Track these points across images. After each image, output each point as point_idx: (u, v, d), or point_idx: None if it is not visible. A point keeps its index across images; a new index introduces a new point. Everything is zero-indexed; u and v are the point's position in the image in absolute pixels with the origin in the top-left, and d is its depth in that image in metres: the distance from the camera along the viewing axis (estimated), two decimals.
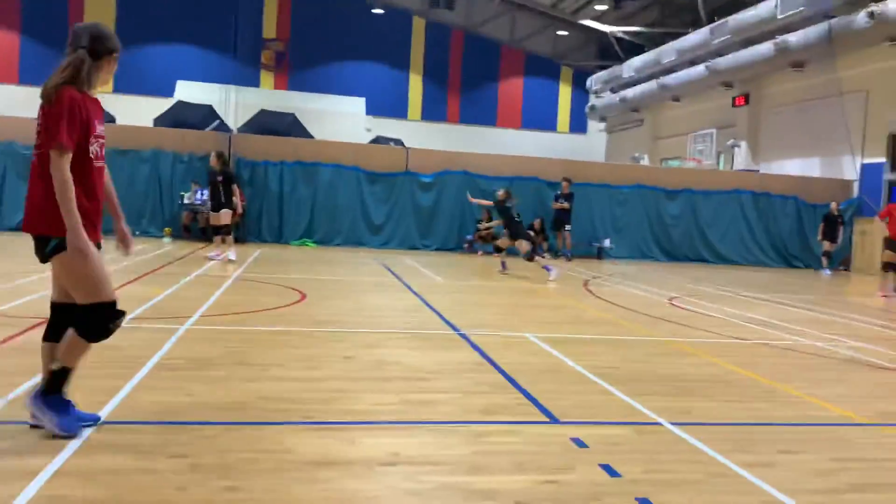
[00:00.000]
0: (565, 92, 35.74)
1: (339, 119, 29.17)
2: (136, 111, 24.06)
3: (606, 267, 16.94)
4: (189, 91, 27.52)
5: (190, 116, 20.49)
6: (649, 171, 23.03)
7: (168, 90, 28.34)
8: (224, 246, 12.90)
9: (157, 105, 24.07)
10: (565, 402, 4.48)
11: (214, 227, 13.23)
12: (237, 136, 18.88)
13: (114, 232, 3.75)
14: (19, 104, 24.39)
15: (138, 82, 28.63)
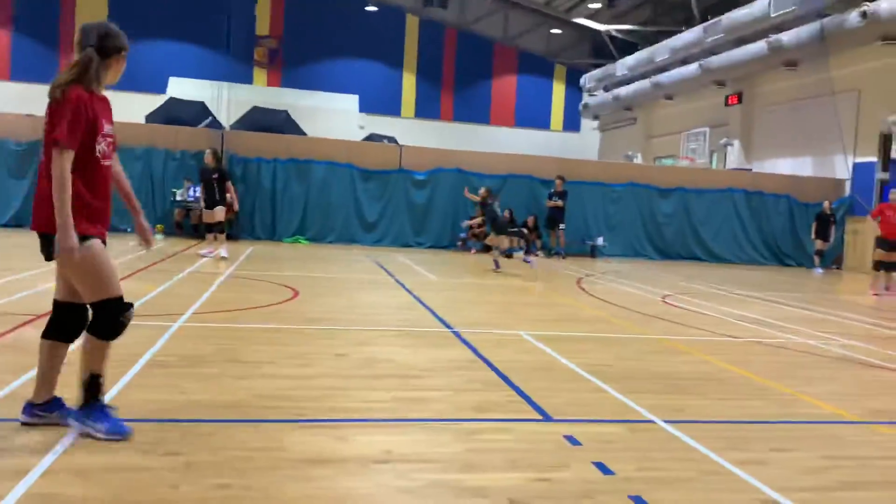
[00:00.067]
0: (559, 90, 35.75)
1: (333, 116, 29.12)
2: (128, 108, 23.75)
3: (600, 265, 16.96)
4: (181, 88, 27.39)
5: (182, 113, 20.41)
6: (642, 169, 23.06)
7: (160, 87, 28.22)
8: (216, 243, 12.89)
9: (150, 102, 23.99)
10: (558, 400, 4.49)
11: (208, 225, 13.26)
12: (230, 133, 18.83)
13: (134, 227, 3.80)
14: (11, 101, 24.30)
15: (130, 79, 27.84)
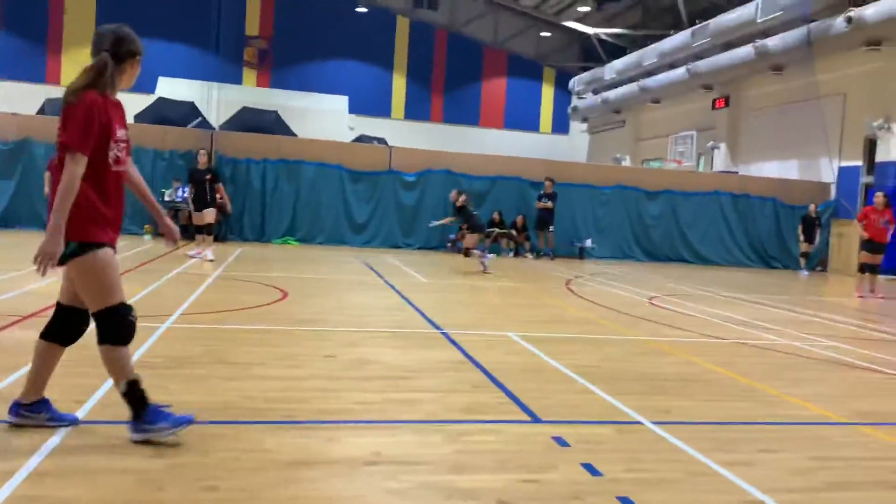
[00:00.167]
0: (548, 93, 35.84)
1: (322, 117, 29.04)
2: None
3: (588, 266, 17.01)
4: (171, 87, 27.24)
5: (171, 113, 20.31)
6: (631, 171, 23.17)
7: (149, 86, 28.03)
8: (203, 245, 12.84)
9: (139, 101, 23.80)
10: (547, 401, 4.50)
11: (198, 226, 13.24)
12: (219, 134, 18.76)
13: (158, 228, 3.78)
14: None
15: None
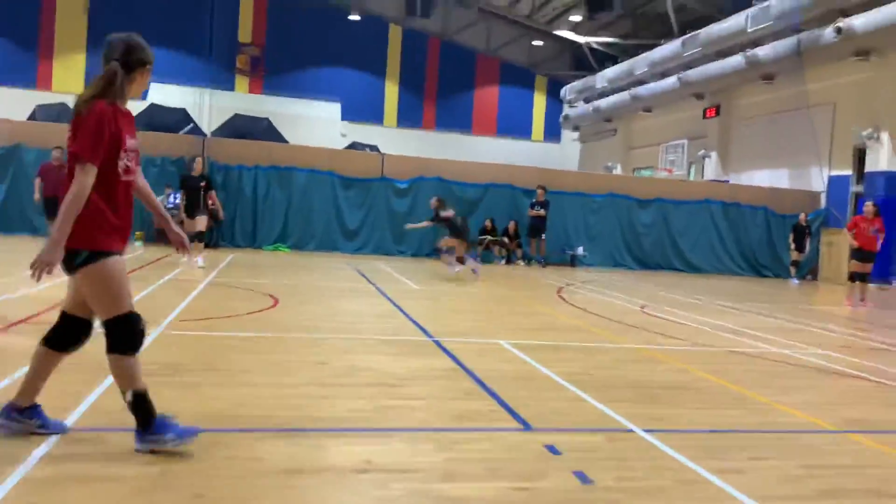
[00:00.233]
0: (540, 101, 35.95)
1: (315, 124, 29.05)
2: None
3: (579, 274, 17.04)
4: (163, 94, 27.18)
5: (163, 119, 20.25)
6: (622, 180, 23.24)
7: (141, 93, 28.01)
8: (194, 252, 12.80)
9: (131, 107, 23.51)
10: (538, 409, 4.49)
11: (189, 233, 13.21)
12: (211, 140, 18.73)
13: (167, 237, 3.79)
14: None
15: None
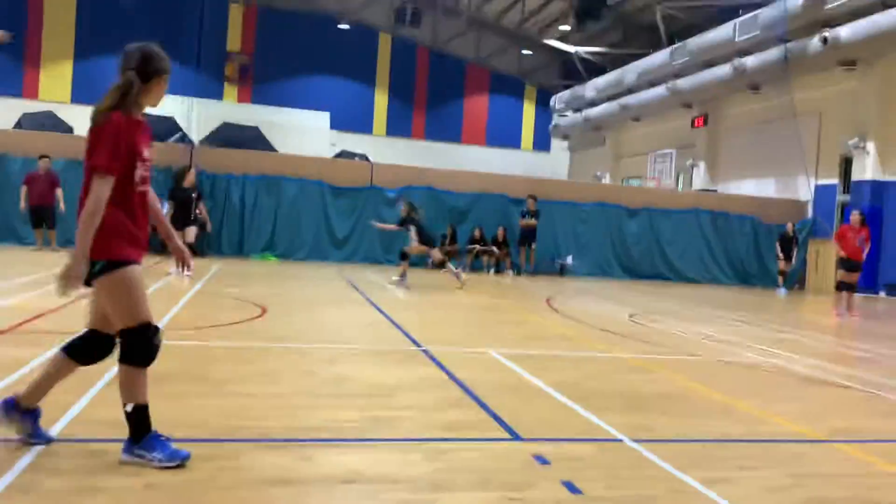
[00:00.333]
0: (529, 110, 36.10)
1: (304, 133, 29.01)
2: None
3: (568, 283, 17.07)
4: None
5: (152, 128, 20.19)
6: (611, 189, 23.35)
7: None
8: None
9: None
10: (527, 419, 4.48)
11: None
12: (199, 149, 18.67)
13: (170, 252, 3.77)
14: None
15: (98, 92, 27.65)
